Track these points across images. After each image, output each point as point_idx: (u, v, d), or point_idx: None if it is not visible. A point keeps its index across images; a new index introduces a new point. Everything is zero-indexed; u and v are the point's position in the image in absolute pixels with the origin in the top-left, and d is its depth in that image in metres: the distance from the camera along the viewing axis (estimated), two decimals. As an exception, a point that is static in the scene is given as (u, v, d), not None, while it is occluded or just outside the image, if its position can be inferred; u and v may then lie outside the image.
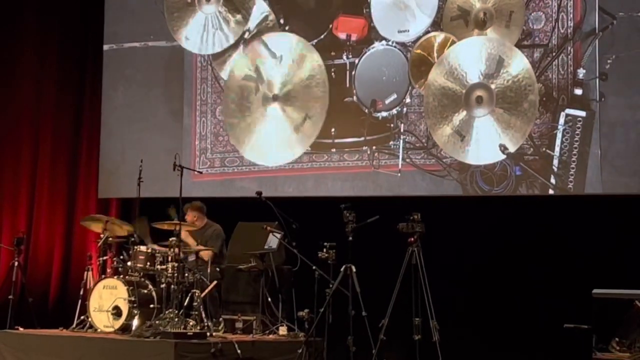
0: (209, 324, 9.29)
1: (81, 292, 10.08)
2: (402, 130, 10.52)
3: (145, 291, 9.56)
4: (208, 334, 8.99)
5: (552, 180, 9.84)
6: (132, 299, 9.40)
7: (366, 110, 10.69)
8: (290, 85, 11.01)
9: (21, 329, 10.03)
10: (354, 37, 10.84)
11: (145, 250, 9.69)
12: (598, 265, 9.39)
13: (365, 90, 10.73)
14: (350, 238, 8.87)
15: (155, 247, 9.84)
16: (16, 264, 10.80)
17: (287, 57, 11.06)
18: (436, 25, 10.44)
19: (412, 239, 8.74)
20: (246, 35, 11.34)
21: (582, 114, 9.75)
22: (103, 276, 9.82)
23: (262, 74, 11.18)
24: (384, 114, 10.63)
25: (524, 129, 9.90)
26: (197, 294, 9.24)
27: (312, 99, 10.90)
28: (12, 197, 12.20)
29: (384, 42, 10.67)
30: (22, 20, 12.45)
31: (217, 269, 9.98)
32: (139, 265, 9.63)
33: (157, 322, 9.05)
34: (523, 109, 9.92)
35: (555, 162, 9.81)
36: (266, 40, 11.18)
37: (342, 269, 8.86)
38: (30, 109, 12.36)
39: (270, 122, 11.12)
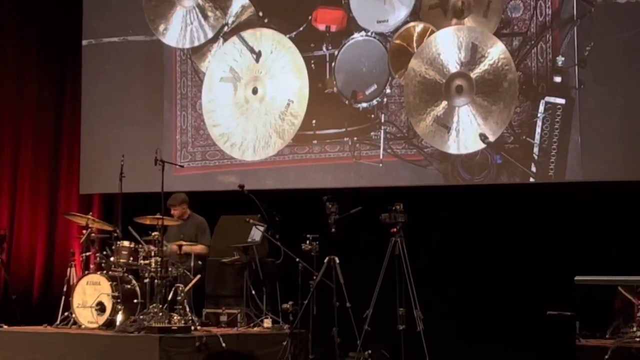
0: (194, 317, 9.28)
1: (64, 289, 10.05)
2: (382, 120, 10.53)
3: (129, 286, 9.56)
4: (192, 327, 8.99)
5: (533, 168, 9.87)
6: (116, 294, 9.40)
7: (347, 102, 10.69)
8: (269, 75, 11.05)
9: (5, 326, 9.99)
10: (333, 29, 10.84)
11: (128, 245, 9.68)
12: (580, 252, 9.43)
13: (346, 82, 10.73)
14: (333, 229, 8.90)
15: None
16: (-2, 261, 10.78)
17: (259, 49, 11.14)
18: (415, 14, 10.45)
19: (395, 229, 8.77)
20: (225, 29, 11.32)
21: (562, 101, 9.79)
22: (86, 272, 9.82)
23: (237, 72, 11.20)
24: (365, 104, 10.63)
25: (506, 111, 9.92)
26: (180, 288, 9.24)
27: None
28: (-6, 195, 12.15)
29: (363, 33, 10.68)
30: (0, 18, 12.37)
31: (200, 262, 9.97)
32: (122, 260, 9.63)
33: (141, 317, 9.04)
34: (504, 88, 9.95)
35: (536, 150, 9.84)
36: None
37: (325, 261, 8.89)
38: (11, 106, 12.24)
39: (257, 115, 11.12)
